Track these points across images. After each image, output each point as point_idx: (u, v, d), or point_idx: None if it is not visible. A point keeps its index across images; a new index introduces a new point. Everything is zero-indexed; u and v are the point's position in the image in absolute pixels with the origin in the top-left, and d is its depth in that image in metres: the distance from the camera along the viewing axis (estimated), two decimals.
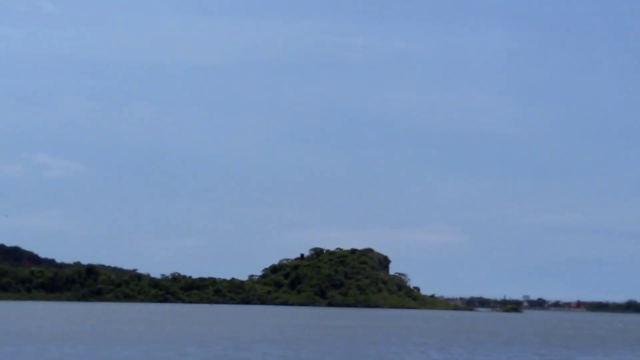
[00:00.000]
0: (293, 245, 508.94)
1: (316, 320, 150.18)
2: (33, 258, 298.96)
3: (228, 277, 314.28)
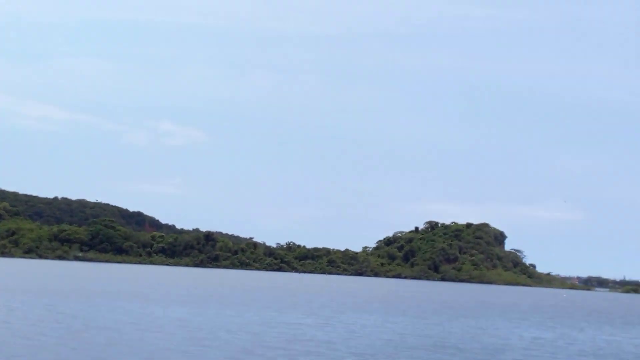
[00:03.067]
0: (407, 217, 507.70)
1: (422, 293, 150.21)
2: (154, 223, 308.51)
3: (342, 248, 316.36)
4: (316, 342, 44.50)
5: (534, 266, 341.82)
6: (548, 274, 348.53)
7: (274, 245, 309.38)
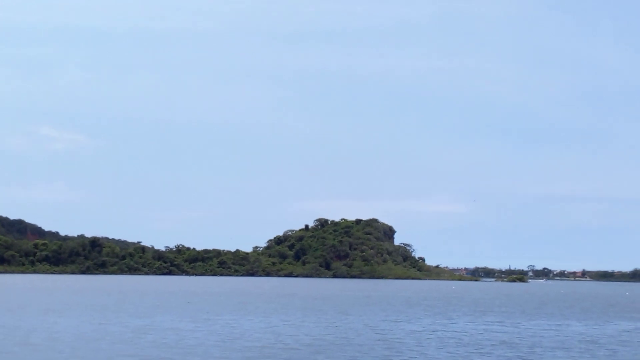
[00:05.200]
0: (297, 216, 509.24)
1: (306, 291, 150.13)
2: (37, 231, 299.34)
3: (232, 249, 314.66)
4: (197, 346, 43.10)
5: (423, 259, 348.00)
6: (437, 267, 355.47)
7: (163, 249, 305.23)
